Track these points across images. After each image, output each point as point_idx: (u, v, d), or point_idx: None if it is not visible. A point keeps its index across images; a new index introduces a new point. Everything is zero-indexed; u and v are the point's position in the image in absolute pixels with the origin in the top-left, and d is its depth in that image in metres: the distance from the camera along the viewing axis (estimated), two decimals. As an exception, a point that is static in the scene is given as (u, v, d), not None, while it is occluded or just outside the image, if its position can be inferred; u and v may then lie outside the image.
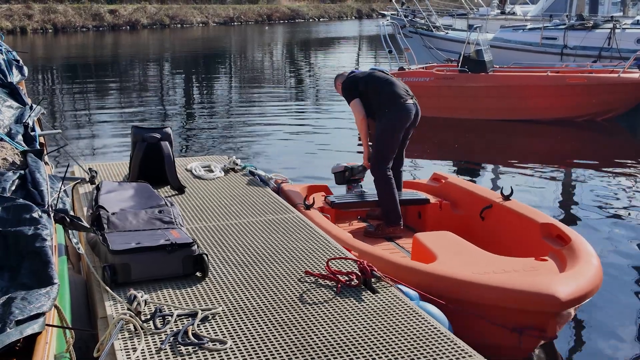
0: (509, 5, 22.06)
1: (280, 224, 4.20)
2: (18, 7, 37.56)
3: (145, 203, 4.06)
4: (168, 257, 3.26)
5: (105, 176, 5.23)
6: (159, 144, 4.96)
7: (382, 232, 5.19)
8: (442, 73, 11.71)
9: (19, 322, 2.02)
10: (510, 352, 3.57)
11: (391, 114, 5.15)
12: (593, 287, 3.59)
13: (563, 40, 14.70)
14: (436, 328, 2.86)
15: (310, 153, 9.49)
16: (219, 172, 5.40)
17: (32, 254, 2.35)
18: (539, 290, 3.35)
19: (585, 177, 8.42)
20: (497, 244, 4.58)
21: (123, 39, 35.25)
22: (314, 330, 2.81)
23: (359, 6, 58.37)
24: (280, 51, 30.47)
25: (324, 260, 3.52)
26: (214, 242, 3.87)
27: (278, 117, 12.70)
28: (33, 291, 2.19)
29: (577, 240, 4.07)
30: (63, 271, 2.92)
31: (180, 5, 45.49)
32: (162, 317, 2.86)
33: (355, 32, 42.04)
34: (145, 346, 2.64)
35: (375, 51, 28.06)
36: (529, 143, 10.66)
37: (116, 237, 3.39)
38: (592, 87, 11.01)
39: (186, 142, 10.62)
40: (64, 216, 2.91)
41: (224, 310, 2.98)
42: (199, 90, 17.81)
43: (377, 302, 3.10)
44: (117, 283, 3.16)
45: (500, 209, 4.86)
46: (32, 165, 3.27)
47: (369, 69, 5.63)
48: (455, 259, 3.92)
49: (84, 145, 10.13)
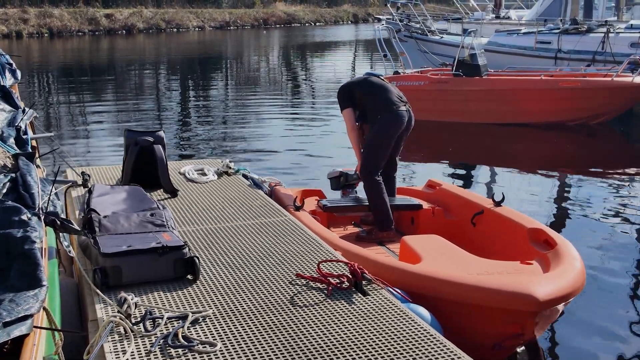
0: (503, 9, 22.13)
1: (272, 227, 4.20)
2: (14, 11, 37.51)
3: (137, 206, 4.06)
4: (159, 260, 3.26)
5: (98, 179, 5.23)
6: (151, 147, 4.96)
7: (375, 237, 5.21)
8: (436, 77, 11.74)
9: (6, 324, 2.02)
10: (490, 352, 3.60)
11: (383, 120, 5.18)
12: (574, 289, 3.61)
13: (557, 44, 14.76)
14: (426, 330, 2.86)
15: (305, 157, 9.50)
16: (212, 175, 5.41)
17: (21, 256, 2.35)
18: (517, 290, 3.38)
19: (578, 181, 8.45)
20: (486, 249, 4.63)
21: (119, 43, 35.24)
22: (305, 333, 2.81)
23: (355, 11, 58.42)
24: (276, 55, 30.50)
25: (315, 262, 3.52)
26: (206, 245, 3.87)
27: (273, 121, 12.72)
28: (21, 293, 2.19)
29: (562, 245, 4.12)
30: (53, 274, 2.92)
31: (176, 9, 45.49)
32: (153, 319, 2.86)
33: (351, 36, 42.11)
34: (135, 348, 2.64)
35: (371, 55, 28.12)
36: (523, 147, 10.70)
37: (107, 239, 3.39)
38: (586, 91, 11.06)
39: (180, 145, 10.63)
40: (55, 219, 2.91)
41: (215, 312, 2.98)
42: (194, 94, 17.81)
43: (367, 304, 3.10)
44: (108, 286, 3.16)
45: (491, 214, 4.91)
46: (23, 168, 3.27)
47: (364, 73, 5.67)
48: (440, 261, 3.97)
49: (77, 149, 10.13)
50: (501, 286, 3.44)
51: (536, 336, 3.64)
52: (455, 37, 17.41)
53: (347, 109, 5.36)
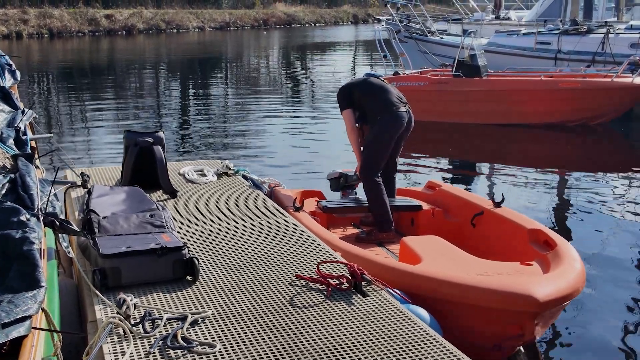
0: (503, 10, 22.12)
1: (272, 228, 4.20)
2: (14, 11, 37.52)
3: (136, 207, 4.06)
4: (158, 261, 3.25)
5: (98, 180, 5.22)
6: (151, 148, 4.95)
7: (374, 238, 5.20)
8: (436, 78, 11.73)
9: (4, 325, 2.01)
10: (490, 353, 3.60)
11: (383, 121, 5.17)
12: (573, 290, 3.61)
13: (557, 45, 14.75)
14: (426, 331, 2.86)
15: (305, 158, 9.49)
16: (211, 176, 5.40)
17: (20, 257, 2.35)
18: (517, 290, 3.38)
19: (577, 182, 8.45)
20: (486, 250, 4.62)
21: (119, 43, 35.25)
22: (304, 334, 2.81)
23: (355, 11, 58.45)
24: (276, 56, 30.50)
25: (315, 263, 3.52)
26: (205, 246, 3.87)
27: (273, 121, 12.71)
28: (20, 294, 2.19)
29: (562, 245, 4.12)
30: (52, 275, 2.92)
31: (176, 10, 45.50)
32: (152, 320, 2.86)
33: (351, 37, 42.12)
34: (134, 350, 2.64)
35: (371, 56, 28.12)
36: (523, 147, 10.70)
37: (106, 240, 3.39)
38: (586, 91, 11.05)
39: (179, 146, 10.62)
40: (54, 220, 2.90)
41: (214, 314, 2.97)
42: (194, 95, 17.81)
43: (367, 305, 3.10)
44: (108, 287, 3.16)
45: (491, 215, 4.91)
46: (22, 169, 3.26)
47: (364, 74, 5.67)
48: (439, 262, 3.96)
49: (77, 150, 10.13)
50: (501, 287, 3.44)
51: (536, 337, 3.64)
52: (455, 37, 17.42)
53: (346, 110, 5.36)
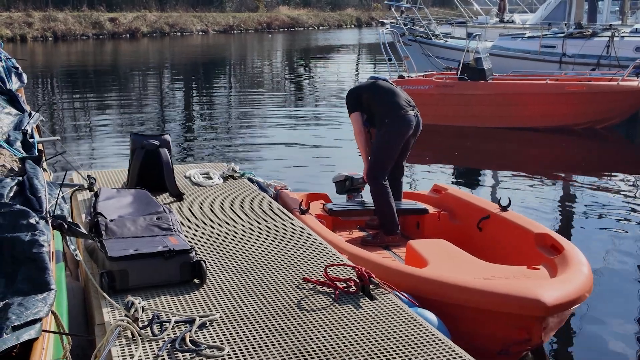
0: (507, 13, 22.11)
1: (279, 231, 4.19)
2: (18, 15, 37.66)
3: (143, 210, 4.06)
4: (166, 264, 3.25)
5: (104, 183, 5.23)
6: (157, 150, 4.96)
7: (380, 241, 5.20)
8: (441, 81, 11.73)
9: (15, 327, 2.01)
10: (497, 357, 3.59)
11: (391, 124, 5.17)
12: (580, 295, 3.60)
13: (562, 48, 14.74)
14: (434, 335, 2.85)
15: (311, 161, 9.49)
16: (217, 179, 5.41)
17: (29, 260, 2.35)
18: (525, 295, 3.37)
19: (584, 186, 8.42)
20: (492, 254, 4.61)
21: (123, 47, 35.33)
22: (312, 337, 2.80)
23: (359, 15, 58.50)
24: (280, 59, 30.54)
25: (322, 267, 3.52)
26: (212, 248, 3.87)
27: (278, 124, 12.72)
28: (30, 297, 2.19)
29: (569, 250, 4.10)
30: (60, 277, 2.92)
31: (180, 13, 45.61)
32: (160, 323, 2.86)
33: (354, 40, 42.15)
34: (143, 353, 2.63)
35: (375, 59, 28.12)
36: (528, 151, 10.67)
37: (114, 243, 3.39)
38: (591, 95, 11.03)
39: (185, 149, 10.63)
40: (62, 222, 2.90)
41: (222, 316, 2.97)
42: (199, 98, 17.83)
43: (375, 308, 3.09)
44: (115, 289, 3.16)
45: (497, 219, 4.90)
46: (30, 172, 3.27)
47: (369, 77, 5.66)
48: (446, 265, 3.95)
49: (83, 152, 10.14)
50: (508, 291, 3.43)
51: (543, 341, 3.62)
52: (459, 41, 17.39)
53: (355, 113, 5.35)
